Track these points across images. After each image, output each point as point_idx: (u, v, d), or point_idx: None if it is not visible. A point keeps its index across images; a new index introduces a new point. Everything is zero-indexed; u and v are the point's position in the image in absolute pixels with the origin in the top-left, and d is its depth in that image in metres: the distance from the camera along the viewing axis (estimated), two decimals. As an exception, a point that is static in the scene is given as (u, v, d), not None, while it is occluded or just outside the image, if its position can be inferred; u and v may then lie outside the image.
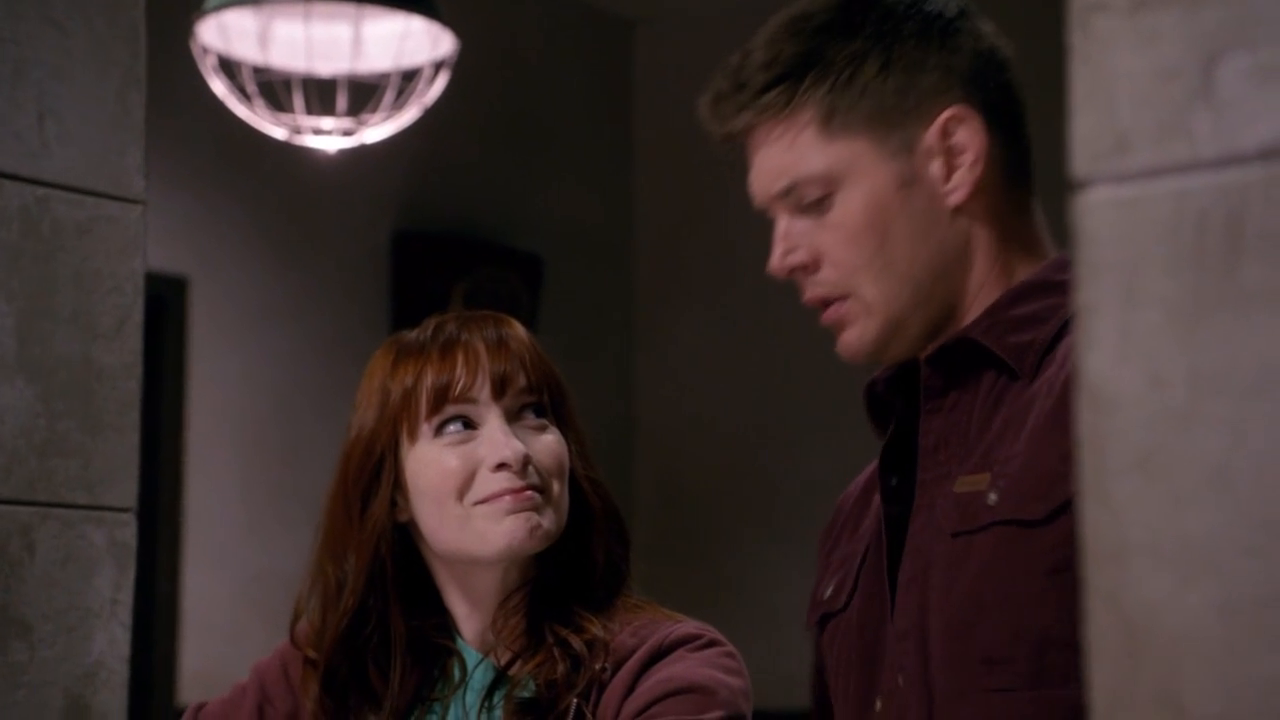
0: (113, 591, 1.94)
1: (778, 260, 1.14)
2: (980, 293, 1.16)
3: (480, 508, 1.31)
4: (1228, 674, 0.49)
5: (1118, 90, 0.58)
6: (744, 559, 4.76)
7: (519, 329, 1.36)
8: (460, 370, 1.32)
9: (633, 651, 1.31)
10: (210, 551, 4.20)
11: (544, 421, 1.34)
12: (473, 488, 1.32)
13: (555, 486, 1.33)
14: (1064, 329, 1.12)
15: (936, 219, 1.16)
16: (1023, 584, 1.04)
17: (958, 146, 1.16)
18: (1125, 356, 0.58)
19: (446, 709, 1.37)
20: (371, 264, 4.66)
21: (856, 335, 1.15)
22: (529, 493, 1.31)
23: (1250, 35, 0.55)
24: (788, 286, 1.15)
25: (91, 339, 1.94)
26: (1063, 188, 0.64)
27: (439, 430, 1.33)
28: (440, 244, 4.73)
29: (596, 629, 1.31)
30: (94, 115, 1.83)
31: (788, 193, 1.18)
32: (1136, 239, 0.58)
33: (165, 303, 4.08)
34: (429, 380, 1.33)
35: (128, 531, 1.97)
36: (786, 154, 1.18)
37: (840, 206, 1.16)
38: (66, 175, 1.86)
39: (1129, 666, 0.51)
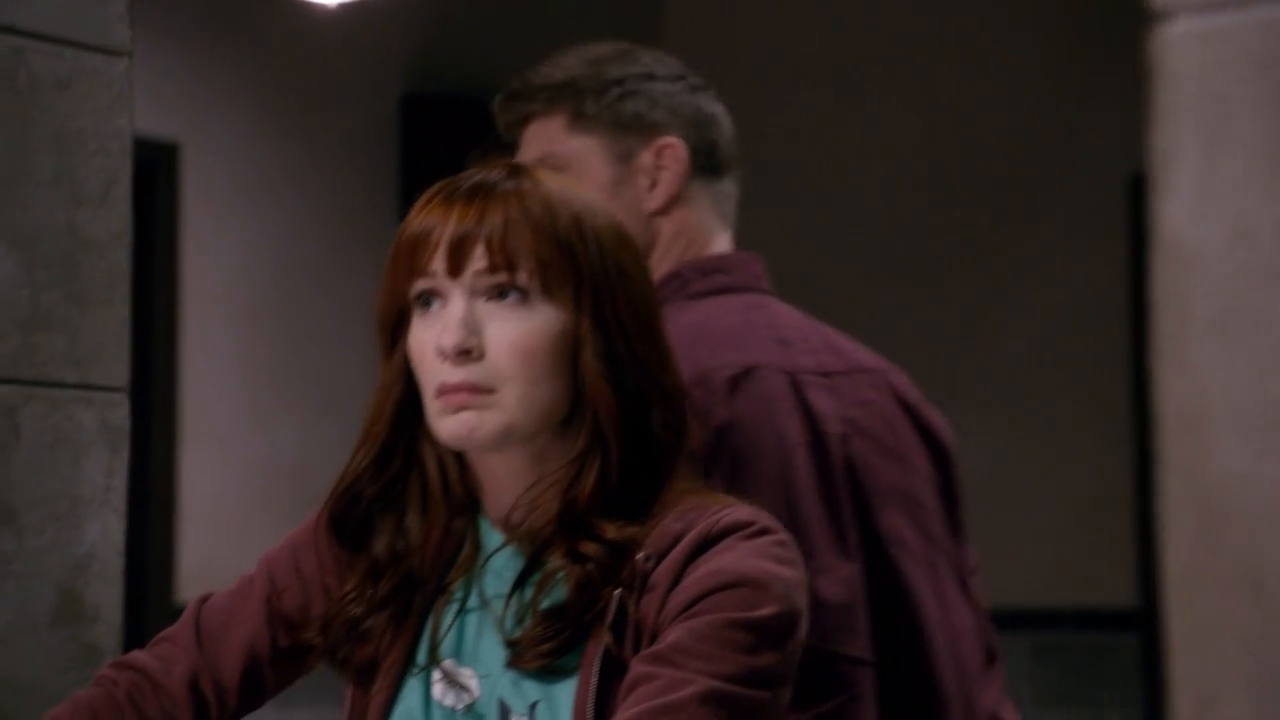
0: (105, 477, 1.95)
1: None
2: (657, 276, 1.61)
3: (435, 400, 1.31)
4: (1313, 551, 0.49)
5: (1205, -91, 0.56)
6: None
7: (530, 188, 1.31)
8: (424, 244, 1.31)
9: (678, 539, 1.29)
10: (208, 436, 4.23)
11: (521, 303, 1.29)
12: (431, 372, 1.31)
13: (510, 383, 1.29)
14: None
15: (637, 217, 1.67)
16: None
17: (665, 166, 1.71)
18: (1206, 208, 0.57)
19: (469, 591, 1.37)
20: (378, 130, 4.64)
21: None
22: (460, 394, 1.29)
23: None
24: (824, 163, 1.14)
25: (76, 205, 1.93)
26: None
27: (417, 299, 1.33)
28: (453, 108, 4.70)
29: (636, 527, 1.30)
30: (72, -44, 1.81)
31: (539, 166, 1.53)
32: (1220, 76, 0.57)
33: (154, 170, 4.07)
34: (405, 247, 1.32)
35: (120, 412, 1.98)
36: (541, 139, 1.74)
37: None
38: (43, 24, 1.84)
39: (1206, 542, 0.50)
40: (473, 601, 1.36)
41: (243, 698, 1.41)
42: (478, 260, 1.29)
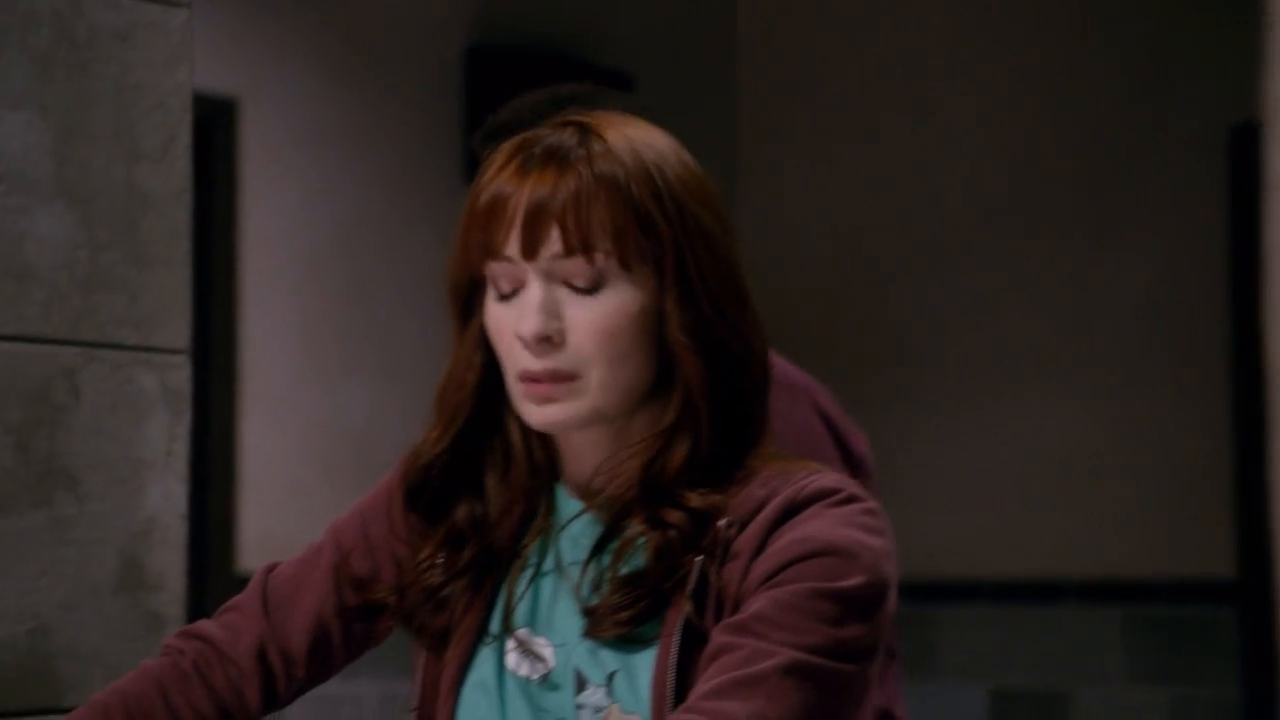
0: (166, 441, 1.97)
1: None
2: None
3: (518, 384, 1.32)
4: None
5: None
6: (864, 413, 4.73)
7: (601, 152, 1.30)
8: (497, 221, 1.30)
9: (762, 505, 1.29)
10: (269, 401, 4.26)
11: (598, 277, 1.29)
12: (511, 356, 1.32)
13: (594, 367, 1.30)
14: None
15: None
16: None
17: None
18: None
19: (544, 558, 1.38)
20: (442, 83, 4.64)
21: None
22: (543, 385, 1.30)
23: None
24: (908, 111, 1.14)
25: (135, 161, 1.94)
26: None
27: (493, 279, 1.33)
28: (518, 60, 4.69)
29: (719, 495, 1.30)
30: (131, -96, 1.82)
31: None
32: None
33: (212, 127, 4.09)
34: (478, 221, 1.32)
35: (181, 375, 2.00)
36: None
37: None
38: (102, -27, 1.85)
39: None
40: (548, 568, 1.37)
41: (310, 668, 1.43)
42: (553, 244, 1.29)
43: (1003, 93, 4.78)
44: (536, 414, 1.32)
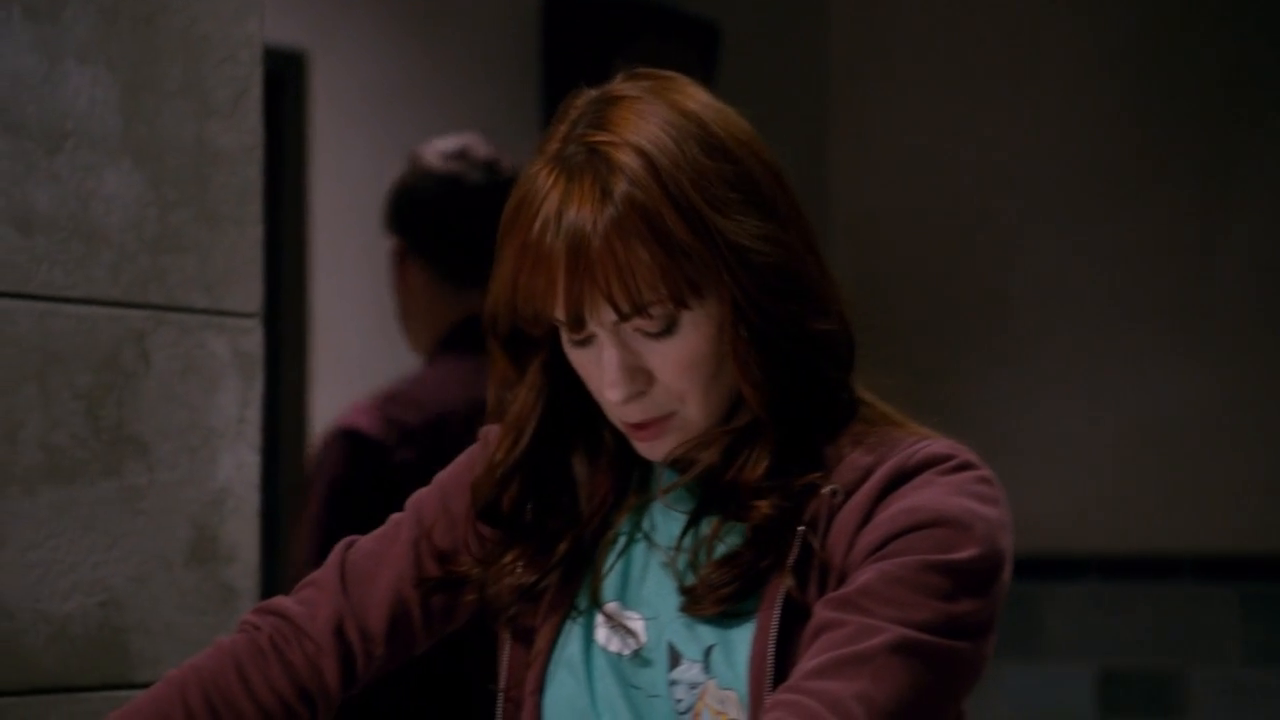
0: (239, 408, 1.98)
1: None
2: None
3: (619, 422, 1.33)
4: None
5: None
6: (964, 379, 4.72)
7: (616, 193, 1.25)
8: (544, 287, 1.28)
9: (868, 473, 1.27)
10: (342, 367, 4.27)
11: (667, 320, 1.28)
12: (605, 402, 1.33)
13: (688, 399, 1.30)
14: None
15: None
16: None
17: None
18: None
19: (634, 530, 1.37)
20: (519, 35, 4.63)
21: None
22: (646, 430, 1.31)
23: None
24: (1008, 62, 1.11)
25: (205, 116, 1.94)
26: None
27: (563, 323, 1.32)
28: (598, 9, 4.67)
29: (818, 472, 1.29)
30: None
31: None
32: None
33: (281, 81, 4.10)
34: (524, 275, 1.29)
35: (253, 339, 2.00)
36: None
37: None
38: (171, -81, 1.85)
39: None
40: (637, 540, 1.36)
41: (390, 646, 1.42)
42: (606, 315, 1.28)
43: (1118, 41, 4.71)
44: (648, 451, 1.33)
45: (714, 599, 1.28)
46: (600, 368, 1.30)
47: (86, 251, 1.77)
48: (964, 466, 1.27)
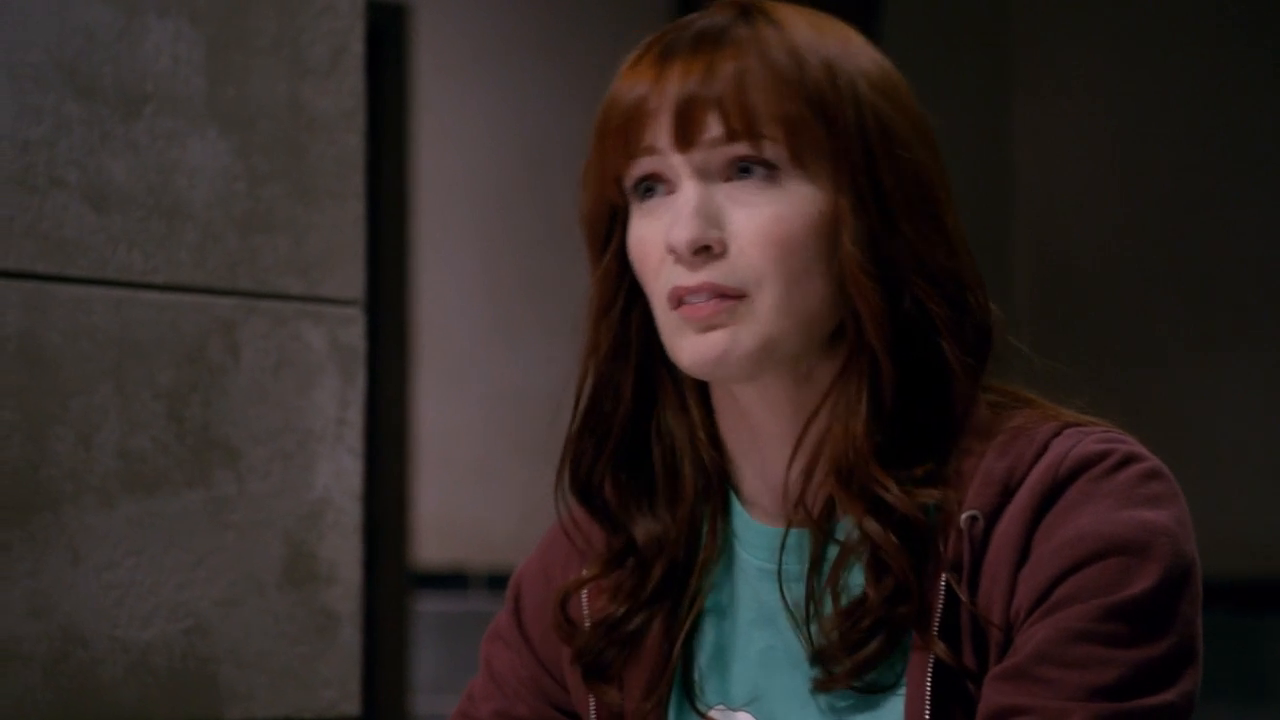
0: (338, 409, 2.00)
1: None
2: None
3: (670, 312, 1.25)
4: None
5: None
6: (1163, 371, 4.67)
7: (770, 33, 1.23)
8: (639, 118, 1.24)
9: (1007, 487, 1.21)
10: (448, 361, 4.31)
11: (769, 180, 1.23)
12: (660, 276, 1.25)
13: (765, 283, 1.22)
14: None
15: None
16: None
17: None
18: None
19: (731, 602, 1.30)
20: (647, -22, 4.64)
21: None
22: (704, 306, 1.22)
23: None
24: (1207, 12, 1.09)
25: (300, 76, 1.97)
26: None
27: (635, 188, 1.27)
28: (739, -52, 4.67)
29: (938, 488, 1.22)
30: None
31: None
32: None
33: (381, 37, 4.14)
34: (613, 123, 1.25)
35: (354, 331, 2.02)
36: None
37: None
38: None
39: None
40: (741, 615, 1.30)
41: None
42: (711, 128, 1.23)
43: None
44: (693, 347, 1.24)
45: (850, 666, 1.22)
46: (671, 226, 1.24)
47: (168, 231, 1.80)
48: (1124, 463, 1.21)
